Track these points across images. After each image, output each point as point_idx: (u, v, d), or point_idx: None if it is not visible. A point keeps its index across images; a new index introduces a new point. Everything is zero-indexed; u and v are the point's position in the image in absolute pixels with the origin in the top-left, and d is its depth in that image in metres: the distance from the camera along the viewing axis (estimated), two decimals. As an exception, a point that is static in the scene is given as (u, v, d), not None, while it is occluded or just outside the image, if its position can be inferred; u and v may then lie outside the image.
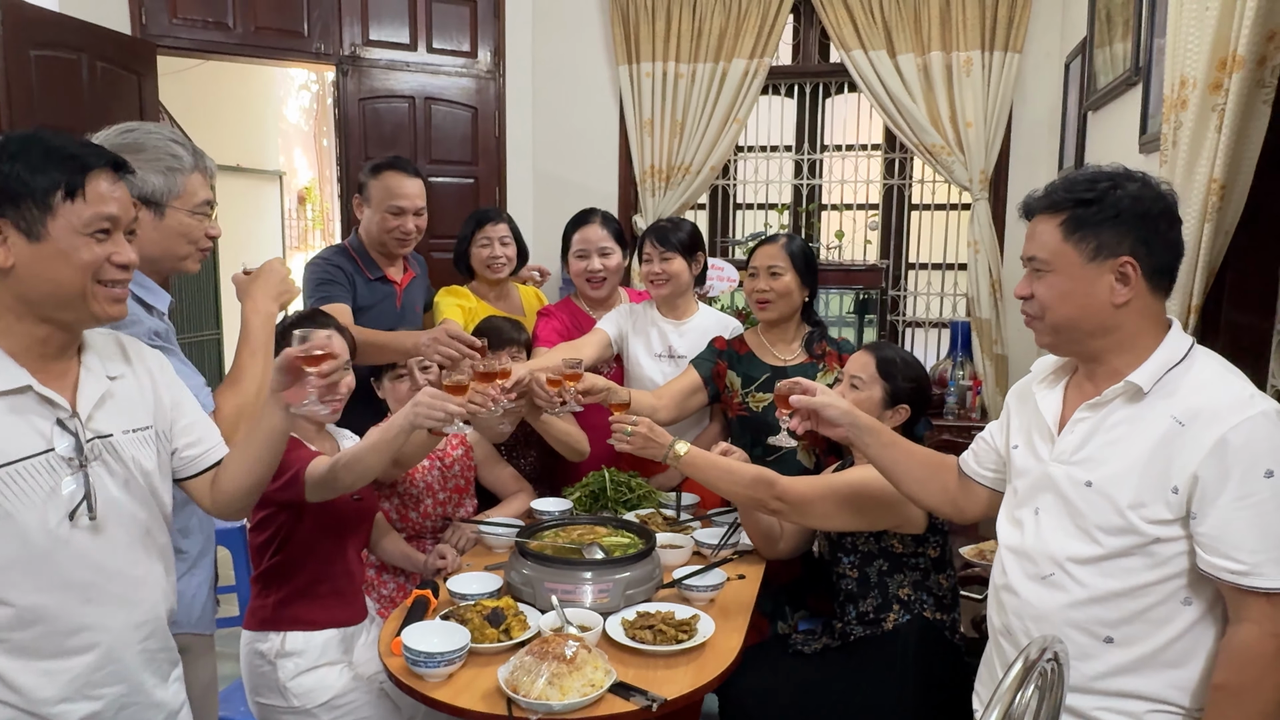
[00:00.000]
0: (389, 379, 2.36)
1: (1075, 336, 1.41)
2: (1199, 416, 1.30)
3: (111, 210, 1.25)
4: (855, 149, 4.56)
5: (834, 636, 2.05)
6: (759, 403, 2.45)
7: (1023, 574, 1.45)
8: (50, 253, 1.21)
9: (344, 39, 4.19)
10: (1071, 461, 1.41)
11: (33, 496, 1.22)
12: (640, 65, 4.27)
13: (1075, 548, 1.38)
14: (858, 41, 3.98)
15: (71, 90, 3.32)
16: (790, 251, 2.43)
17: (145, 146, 1.60)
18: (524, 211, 4.52)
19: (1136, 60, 2.62)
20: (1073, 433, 1.42)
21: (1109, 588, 1.35)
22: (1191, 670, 1.34)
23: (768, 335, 2.52)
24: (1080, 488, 1.39)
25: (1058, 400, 1.49)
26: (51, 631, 1.24)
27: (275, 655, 1.88)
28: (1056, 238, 1.38)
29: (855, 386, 2.09)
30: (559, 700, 1.48)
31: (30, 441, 1.22)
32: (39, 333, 1.26)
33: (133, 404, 1.37)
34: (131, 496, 1.33)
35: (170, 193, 1.62)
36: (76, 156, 1.23)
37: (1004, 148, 4.01)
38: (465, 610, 1.77)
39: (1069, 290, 1.38)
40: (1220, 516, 1.27)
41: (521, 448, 2.63)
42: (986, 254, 3.96)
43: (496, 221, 2.90)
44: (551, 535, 2.09)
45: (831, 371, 2.44)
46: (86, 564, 1.27)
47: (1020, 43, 3.86)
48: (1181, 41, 1.87)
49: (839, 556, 2.06)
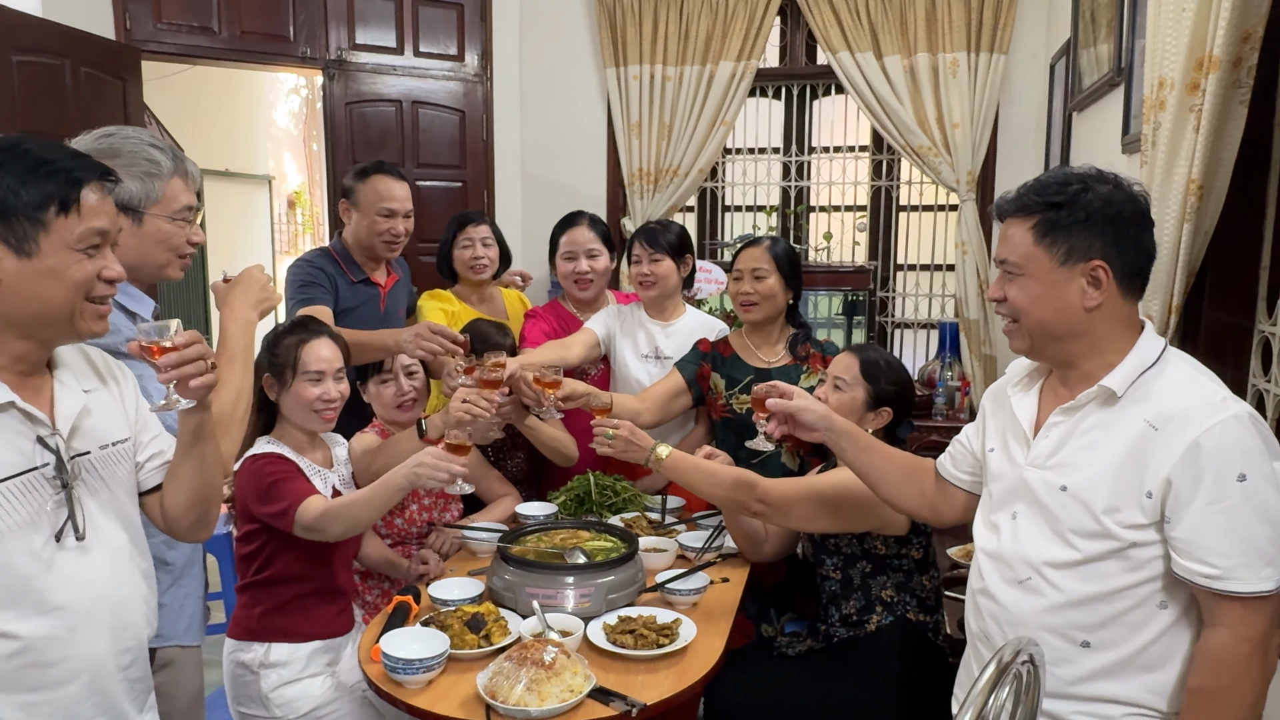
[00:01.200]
0: (374, 383, 2.35)
1: (1049, 341, 1.40)
2: (1171, 420, 1.29)
3: (103, 224, 1.21)
4: (843, 151, 4.56)
5: (818, 639, 2.04)
6: (742, 405, 2.44)
7: (1000, 578, 1.45)
8: (41, 270, 1.17)
9: (330, 43, 4.18)
10: (1046, 466, 1.41)
11: (17, 517, 1.17)
12: (628, 68, 4.27)
13: (1052, 552, 1.38)
14: (844, 43, 3.99)
15: (55, 96, 3.30)
16: (774, 254, 2.44)
17: (121, 151, 1.56)
18: (513, 215, 4.52)
19: (1119, 61, 2.62)
20: (1047, 437, 1.42)
21: (1085, 592, 1.35)
22: (1168, 674, 1.33)
23: (752, 337, 2.52)
24: (1055, 492, 1.38)
25: (1033, 404, 1.48)
26: (32, 663, 1.19)
27: (258, 666, 1.87)
28: (1028, 241, 1.37)
29: (838, 388, 2.09)
30: (537, 706, 1.47)
31: (12, 460, 1.18)
32: (17, 349, 1.21)
33: (110, 417, 1.33)
34: (113, 517, 1.30)
35: (148, 198, 1.58)
36: (69, 170, 1.19)
37: (991, 149, 4.02)
38: (446, 616, 1.77)
39: (1040, 294, 1.37)
40: (1193, 521, 1.26)
41: (509, 450, 2.63)
42: (974, 255, 3.97)
43: (478, 223, 2.90)
44: (534, 540, 2.08)
45: (815, 374, 2.44)
46: (72, 588, 1.22)
47: (1006, 44, 3.87)
48: (1160, 43, 1.88)
49: (822, 558, 2.06)
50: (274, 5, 4.05)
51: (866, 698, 1.89)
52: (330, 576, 1.95)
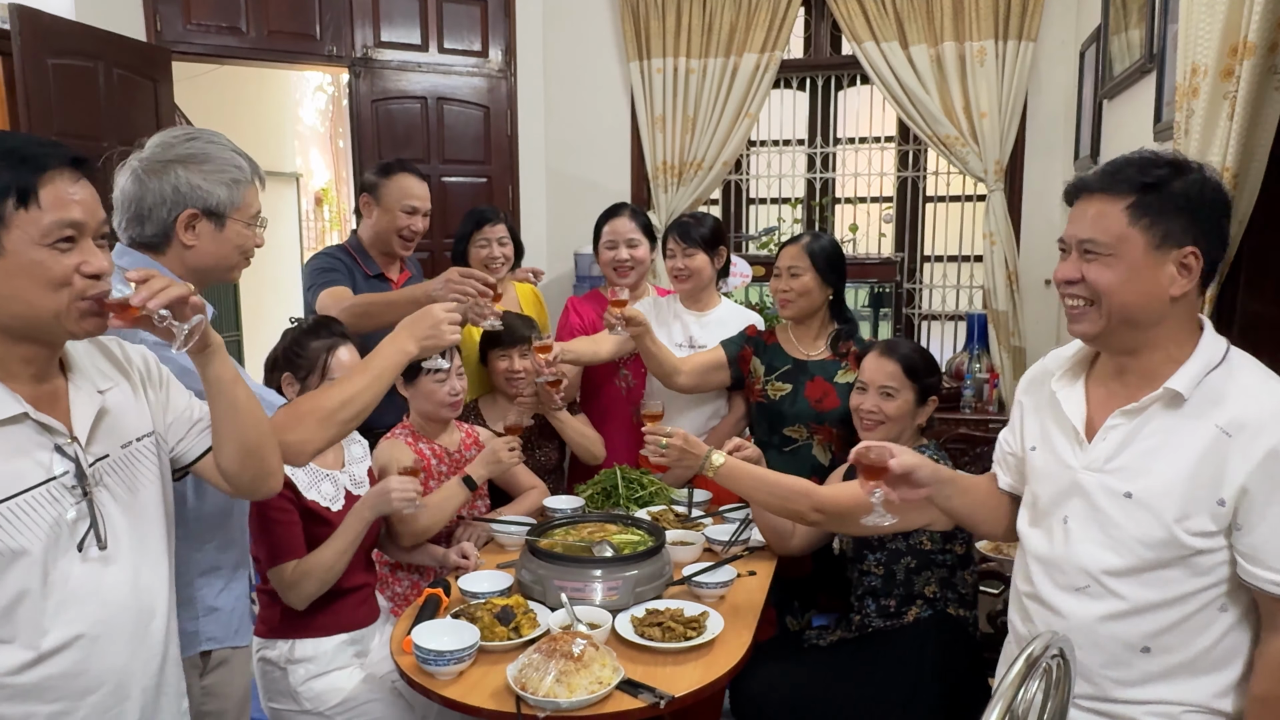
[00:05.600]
0: (429, 380, 2.25)
1: (1125, 327, 1.33)
2: (1246, 427, 1.26)
3: (74, 215, 1.12)
4: (868, 142, 4.53)
5: (850, 629, 2.03)
6: (777, 391, 2.49)
7: (1054, 585, 1.41)
8: (11, 269, 1.09)
9: (356, 41, 4.21)
10: (1105, 470, 1.36)
11: (38, 530, 1.13)
12: (651, 61, 4.26)
13: (1110, 560, 1.34)
14: (870, 33, 3.95)
15: (88, 98, 3.36)
16: (810, 251, 2.45)
17: (212, 157, 1.56)
18: (537, 209, 4.54)
19: (1150, 47, 2.58)
20: (1105, 440, 1.36)
21: (1148, 599, 1.31)
22: (1228, 675, 1.31)
23: (795, 330, 2.57)
24: (1118, 499, 1.33)
25: (1080, 399, 1.42)
26: (58, 673, 1.16)
27: (285, 661, 1.89)
28: (1121, 222, 1.30)
29: (890, 395, 2.06)
30: (567, 697, 1.49)
31: (31, 472, 1.13)
32: (20, 353, 1.15)
33: (128, 414, 1.29)
34: (136, 521, 1.26)
35: (232, 204, 1.58)
36: (27, 158, 1.09)
37: (1019, 138, 3.96)
38: (475, 608, 1.79)
39: (1128, 277, 1.30)
40: (1269, 529, 1.24)
41: (537, 440, 2.66)
42: (1003, 245, 3.92)
43: (495, 222, 2.95)
44: (562, 533, 2.10)
45: (852, 371, 2.44)
46: (94, 598, 1.18)
47: (1035, 31, 3.81)
48: (1193, 28, 1.84)
49: (864, 554, 2.04)
50: (300, 5, 4.09)
51: (899, 686, 1.88)
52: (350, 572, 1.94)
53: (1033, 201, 4.04)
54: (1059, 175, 3.93)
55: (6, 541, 1.11)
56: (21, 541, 1.12)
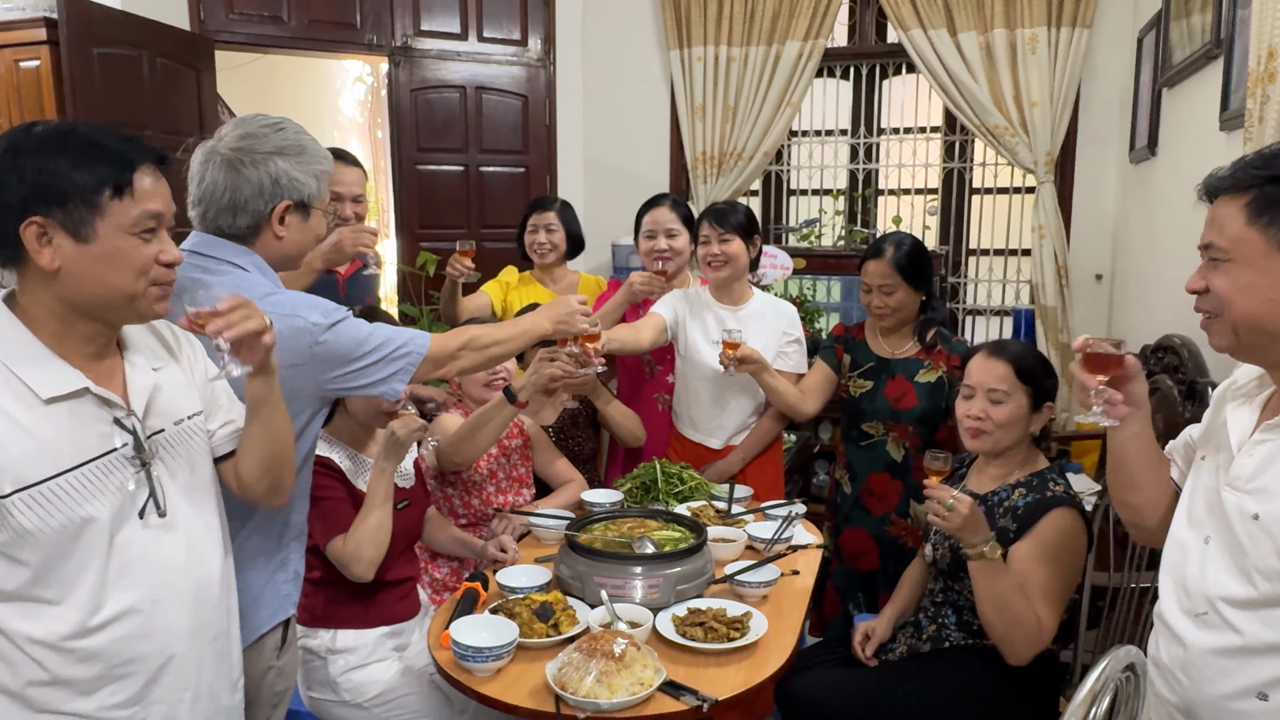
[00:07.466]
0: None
1: (1258, 338, 1.20)
2: None
3: (157, 207, 1.21)
4: (914, 132, 4.43)
5: (922, 638, 1.96)
6: (858, 388, 2.47)
7: (1177, 606, 1.30)
8: (99, 254, 1.17)
9: (396, 30, 4.21)
10: (1244, 489, 1.23)
11: (105, 498, 1.18)
12: (691, 50, 4.20)
13: (1231, 587, 1.22)
14: (916, 20, 3.86)
15: (132, 87, 3.38)
16: (898, 264, 2.35)
17: (307, 149, 1.57)
18: (575, 200, 4.46)
19: (1218, 32, 2.47)
20: (1250, 456, 1.23)
21: (1266, 639, 1.17)
22: None
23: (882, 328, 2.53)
24: (1247, 520, 1.21)
25: (1250, 417, 1.29)
26: (121, 636, 1.20)
27: (326, 651, 1.89)
28: (1239, 222, 1.18)
29: (998, 401, 1.89)
30: (607, 699, 1.45)
31: (93, 443, 1.19)
32: (83, 331, 1.21)
33: (181, 391, 1.33)
34: (191, 493, 1.31)
35: (319, 196, 1.61)
36: (123, 152, 1.18)
37: (1071, 128, 3.85)
38: (514, 604, 1.76)
39: (1251, 283, 1.17)
40: None
41: (571, 428, 2.64)
42: (1052, 239, 3.81)
43: (544, 210, 3.00)
44: (601, 528, 2.07)
45: (936, 369, 2.39)
46: (155, 563, 1.23)
47: (1090, 17, 3.69)
48: (1269, 10, 1.76)
49: (960, 575, 1.89)
50: (342, -7, 4.09)
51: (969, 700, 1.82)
52: (392, 563, 1.94)
53: (1084, 194, 3.92)
54: (1113, 166, 3.81)
55: (76, 510, 1.16)
56: (90, 510, 1.17)
